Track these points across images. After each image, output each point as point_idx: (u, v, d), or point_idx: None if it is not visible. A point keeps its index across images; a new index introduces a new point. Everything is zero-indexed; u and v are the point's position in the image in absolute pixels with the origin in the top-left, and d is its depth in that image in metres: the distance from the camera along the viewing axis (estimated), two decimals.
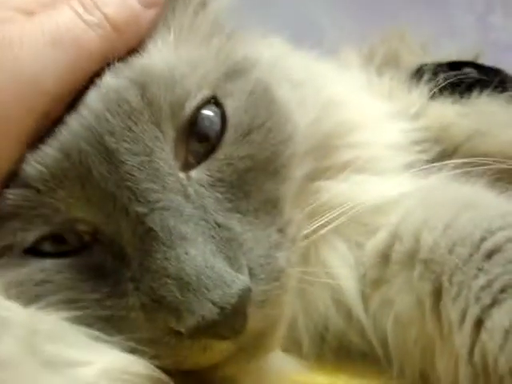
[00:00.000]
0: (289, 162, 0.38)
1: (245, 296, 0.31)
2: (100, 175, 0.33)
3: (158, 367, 0.33)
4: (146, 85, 0.34)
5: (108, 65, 0.35)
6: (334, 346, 0.44)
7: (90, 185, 0.33)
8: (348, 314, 0.43)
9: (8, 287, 0.33)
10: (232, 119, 0.36)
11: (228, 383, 0.36)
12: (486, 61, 0.73)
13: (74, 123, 0.34)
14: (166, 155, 0.34)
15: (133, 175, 0.33)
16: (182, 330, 0.32)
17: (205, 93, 0.36)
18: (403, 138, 0.48)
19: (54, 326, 0.31)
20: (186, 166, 0.35)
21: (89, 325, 0.33)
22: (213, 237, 0.33)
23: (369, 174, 0.44)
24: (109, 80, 0.35)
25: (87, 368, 0.30)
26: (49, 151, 0.33)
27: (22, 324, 0.30)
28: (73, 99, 0.35)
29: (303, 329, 0.43)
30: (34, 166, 0.33)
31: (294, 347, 0.42)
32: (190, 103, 0.35)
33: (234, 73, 0.38)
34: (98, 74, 0.35)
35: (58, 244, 0.34)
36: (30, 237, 0.34)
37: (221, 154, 0.36)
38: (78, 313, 0.32)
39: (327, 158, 0.43)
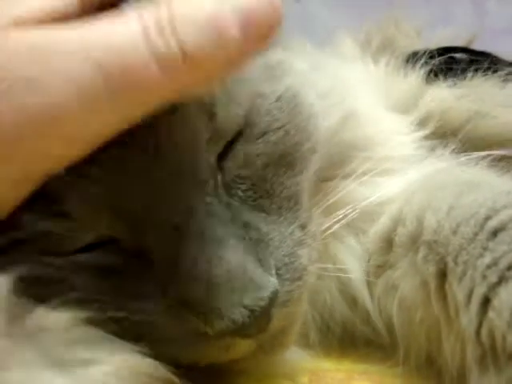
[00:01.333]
0: (306, 158, 0.37)
1: (274, 298, 0.31)
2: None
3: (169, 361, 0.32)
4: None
5: None
6: (339, 333, 0.44)
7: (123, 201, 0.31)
8: (353, 302, 0.43)
9: (20, 282, 0.31)
10: (253, 118, 0.35)
11: (237, 372, 0.36)
12: (481, 46, 0.73)
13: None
14: (206, 156, 0.33)
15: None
16: (210, 332, 0.31)
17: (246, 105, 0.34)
18: (413, 149, 0.48)
19: (65, 325, 0.30)
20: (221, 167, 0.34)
21: (106, 328, 0.32)
22: (243, 238, 0.32)
23: (383, 174, 0.44)
24: None
25: (97, 367, 0.29)
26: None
27: (32, 323, 0.30)
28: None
29: (310, 320, 0.43)
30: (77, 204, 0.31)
31: (301, 337, 0.41)
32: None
33: (268, 77, 0.37)
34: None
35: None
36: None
37: (237, 150, 0.34)
38: (92, 313, 0.31)
39: (342, 165, 0.43)
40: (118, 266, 0.33)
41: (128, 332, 0.32)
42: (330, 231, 0.40)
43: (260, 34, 0.27)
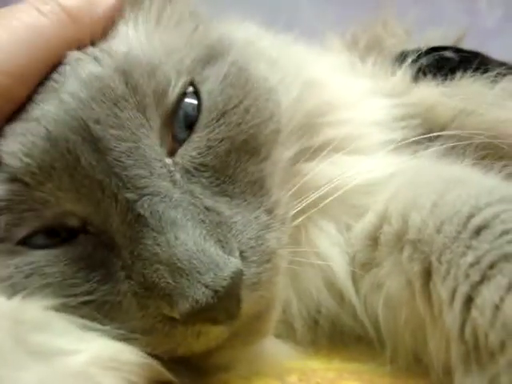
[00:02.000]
0: (270, 141, 0.38)
1: (237, 278, 0.31)
2: (88, 164, 0.33)
3: (151, 355, 0.32)
4: (130, 72, 0.34)
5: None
6: (328, 330, 0.44)
7: (78, 174, 0.33)
8: (340, 297, 0.43)
9: None
10: (206, 102, 0.36)
11: (222, 370, 0.36)
12: (471, 46, 0.72)
13: (58, 111, 0.34)
14: (152, 142, 0.34)
15: (121, 162, 0.33)
16: (176, 315, 0.31)
17: (184, 79, 0.36)
18: (385, 114, 0.48)
19: (39, 315, 0.31)
20: (172, 153, 0.35)
21: (78, 314, 0.32)
22: (202, 221, 0.33)
23: (351, 153, 0.44)
24: (91, 67, 0.35)
25: (75, 356, 0.30)
26: (35, 140, 0.33)
27: (6, 314, 0.30)
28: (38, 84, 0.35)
29: (297, 314, 0.43)
30: (20, 158, 0.33)
31: (287, 333, 0.42)
32: (173, 91, 0.35)
33: (210, 57, 0.38)
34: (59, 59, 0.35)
35: (49, 236, 0.34)
36: (22, 231, 0.34)
37: (196, 137, 0.36)
38: (65, 300, 0.32)
39: (309, 137, 0.43)
40: (91, 255, 0.34)
41: (106, 320, 0.33)
42: (305, 215, 0.40)
43: None
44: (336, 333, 0.44)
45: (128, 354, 0.31)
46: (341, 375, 0.40)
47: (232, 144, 0.36)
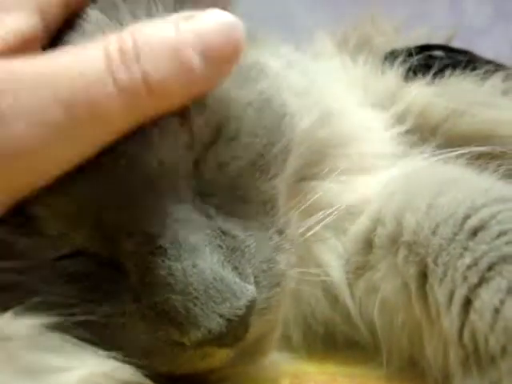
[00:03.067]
0: (279, 160, 0.37)
1: (252, 307, 0.30)
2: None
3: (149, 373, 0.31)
4: None
5: None
6: (322, 334, 0.43)
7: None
8: (335, 300, 0.42)
9: None
10: (221, 124, 0.34)
11: (220, 382, 0.35)
12: (459, 45, 0.72)
13: None
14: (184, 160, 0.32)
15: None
16: (186, 342, 0.30)
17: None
18: (391, 146, 0.48)
19: (30, 332, 0.30)
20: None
21: (75, 334, 0.31)
22: (219, 246, 0.31)
23: (359, 173, 0.44)
24: None
25: (68, 374, 0.29)
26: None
27: None
28: None
29: (293, 321, 0.42)
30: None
31: (283, 339, 0.41)
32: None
33: (243, 80, 0.36)
34: None
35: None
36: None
37: (209, 157, 0.34)
38: (60, 318, 0.30)
39: (320, 164, 0.42)
40: (89, 272, 0.32)
41: (99, 338, 0.31)
42: (310, 233, 0.39)
43: (222, 62, 0.29)
44: (330, 336, 0.43)
45: (122, 373, 0.30)
46: (334, 379, 0.40)
47: (242, 163, 0.34)
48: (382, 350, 0.40)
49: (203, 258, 0.30)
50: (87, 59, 0.27)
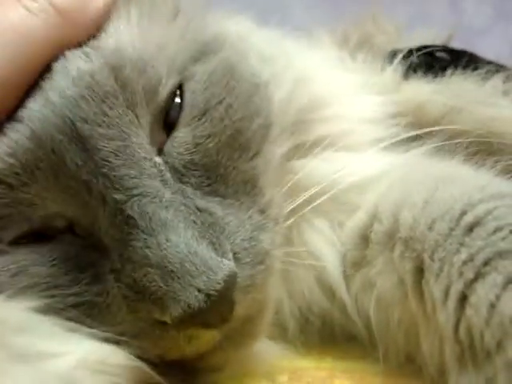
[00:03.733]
0: (259, 136, 0.37)
1: (231, 282, 0.30)
2: (74, 164, 0.32)
3: (141, 358, 0.32)
4: (119, 67, 0.33)
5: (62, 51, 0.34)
6: (319, 329, 0.43)
7: (64, 175, 0.32)
8: (331, 295, 0.42)
9: None
10: (188, 100, 0.35)
11: (213, 371, 0.35)
12: (459, 46, 0.72)
13: (44, 110, 0.32)
14: (141, 140, 0.33)
15: (109, 161, 0.32)
16: (168, 319, 0.30)
17: (175, 79, 0.35)
18: (376, 111, 0.47)
19: (22, 316, 0.30)
20: (161, 152, 0.34)
21: (65, 316, 0.31)
22: (194, 222, 0.32)
23: (343, 149, 0.43)
24: (80, 64, 0.33)
25: (61, 359, 0.29)
26: (19, 140, 0.32)
27: None
28: (29, 87, 0.33)
29: (288, 312, 0.42)
30: (3, 159, 0.32)
31: (279, 332, 0.41)
32: (163, 89, 0.34)
33: (201, 54, 0.37)
34: (51, 60, 0.34)
35: (35, 239, 0.33)
36: (9, 234, 0.33)
37: (179, 133, 0.35)
38: (50, 301, 0.31)
39: (301, 134, 0.42)
40: (79, 256, 0.33)
41: (94, 322, 0.32)
42: (298, 215, 0.39)
43: None
44: (327, 332, 0.43)
45: (116, 357, 0.30)
46: (332, 374, 0.39)
47: (220, 141, 0.35)
48: (378, 345, 0.40)
49: (177, 233, 0.31)
50: (4, 4, 0.34)
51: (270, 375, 0.38)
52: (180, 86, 0.36)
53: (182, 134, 0.35)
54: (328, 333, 0.43)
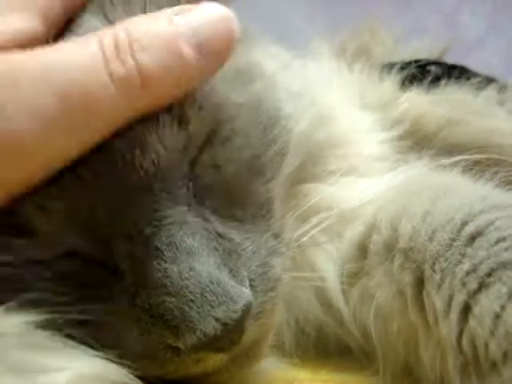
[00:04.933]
0: (275, 162, 0.37)
1: (247, 311, 0.30)
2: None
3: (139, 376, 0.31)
4: None
5: None
6: (315, 340, 0.43)
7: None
8: (328, 305, 0.42)
9: None
10: (215, 126, 0.34)
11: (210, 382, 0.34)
12: (453, 59, 0.73)
13: None
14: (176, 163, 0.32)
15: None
16: (181, 346, 0.30)
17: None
18: (385, 149, 0.48)
19: (21, 330, 0.29)
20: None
21: (67, 333, 0.30)
22: (216, 249, 0.31)
23: (355, 176, 0.44)
24: None
25: (58, 374, 0.28)
26: None
27: None
28: None
29: (285, 324, 0.42)
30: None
31: (275, 345, 0.40)
32: None
33: (235, 81, 0.36)
34: None
35: None
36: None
37: (204, 159, 0.34)
38: (53, 317, 0.30)
39: (316, 166, 0.42)
40: (84, 272, 0.32)
41: (92, 338, 0.31)
42: (305, 238, 0.39)
43: (215, 54, 0.29)
44: (323, 343, 0.43)
45: (113, 374, 0.29)
46: None
47: (238, 166, 0.34)
48: (376, 357, 0.39)
49: (200, 261, 0.30)
50: (83, 52, 0.27)
51: None
52: None
53: (205, 160, 0.34)
54: (323, 344, 0.43)
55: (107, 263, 0.31)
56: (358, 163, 0.45)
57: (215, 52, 0.29)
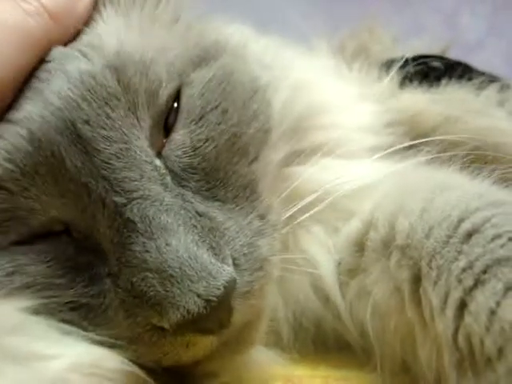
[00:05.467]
0: (258, 140, 0.37)
1: (230, 288, 0.30)
2: (74, 166, 0.31)
3: (136, 363, 0.31)
4: (122, 69, 0.33)
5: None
6: (313, 336, 0.43)
7: (63, 178, 0.32)
8: (326, 301, 0.42)
9: None
10: (185, 105, 0.35)
11: (208, 377, 0.35)
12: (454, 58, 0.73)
13: (43, 111, 0.32)
14: (142, 143, 0.33)
15: (109, 164, 0.32)
16: (166, 325, 0.30)
17: (175, 83, 0.35)
18: (373, 119, 0.47)
19: (15, 317, 0.29)
20: (161, 155, 0.34)
21: (60, 318, 0.31)
22: (194, 226, 0.32)
23: (340, 157, 0.43)
24: (80, 64, 0.33)
25: (54, 361, 0.28)
26: (17, 144, 0.31)
27: None
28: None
29: (283, 320, 0.42)
30: (2, 164, 0.31)
31: (274, 339, 0.41)
32: (163, 93, 0.34)
33: (202, 59, 0.37)
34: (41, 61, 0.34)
35: (32, 239, 0.33)
36: (7, 239, 0.32)
37: (176, 136, 0.35)
38: (45, 301, 0.31)
39: (298, 140, 0.42)
40: (75, 259, 0.32)
41: (90, 326, 0.31)
42: (295, 222, 0.39)
43: None
44: (321, 339, 0.43)
45: (110, 361, 0.30)
46: (327, 381, 0.39)
47: (217, 145, 0.35)
48: (373, 353, 0.39)
49: (176, 237, 0.30)
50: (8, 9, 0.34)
51: (263, 382, 0.37)
52: (178, 91, 0.36)
53: (180, 137, 0.35)
54: (322, 340, 0.43)
55: (92, 245, 0.32)
56: (342, 136, 0.44)
57: None
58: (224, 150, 0.35)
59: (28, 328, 0.29)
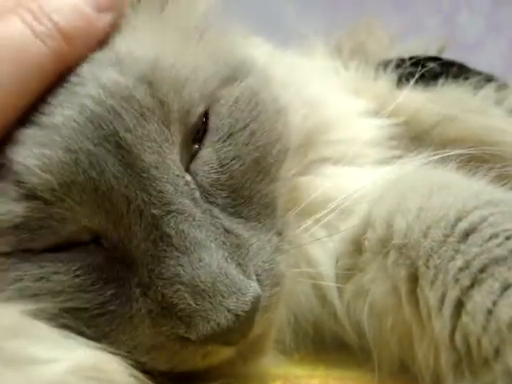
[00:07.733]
0: (278, 161, 0.38)
1: (256, 303, 0.31)
2: (113, 177, 0.31)
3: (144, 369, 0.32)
4: (157, 85, 0.33)
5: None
6: (313, 336, 0.43)
7: (100, 188, 0.31)
8: (324, 300, 0.42)
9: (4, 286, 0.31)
10: (213, 122, 0.36)
11: (209, 378, 0.35)
12: (452, 58, 0.73)
13: (80, 117, 0.32)
14: (175, 157, 0.33)
15: (149, 174, 0.32)
16: (193, 336, 0.31)
17: (206, 102, 0.36)
18: (378, 134, 0.48)
19: (16, 320, 0.29)
20: (189, 170, 0.35)
21: (84, 324, 0.31)
22: (224, 243, 0.33)
23: (348, 168, 0.45)
24: (112, 74, 0.33)
25: (53, 365, 0.28)
26: (53, 153, 0.31)
27: None
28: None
29: (285, 321, 0.42)
30: (38, 173, 0.31)
31: (276, 341, 0.40)
32: (195, 110, 0.35)
33: (229, 79, 0.38)
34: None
35: (60, 247, 0.33)
36: (35, 246, 0.32)
37: (204, 152, 0.35)
38: (69, 305, 0.31)
39: (308, 154, 0.44)
40: (102, 267, 0.32)
41: (108, 328, 0.32)
42: (308, 233, 0.40)
43: (107, 8, 0.35)
44: (320, 339, 0.43)
45: (111, 364, 0.30)
46: (326, 382, 0.39)
47: (244, 164, 0.36)
48: (371, 352, 0.39)
49: (209, 253, 0.31)
50: (7, 23, 0.32)
51: (263, 382, 0.38)
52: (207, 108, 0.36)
53: (207, 154, 0.35)
54: (321, 340, 0.43)
55: (123, 256, 0.32)
56: (350, 150, 0.45)
57: (106, 7, 0.35)
58: (250, 169, 0.36)
59: (29, 331, 0.29)
